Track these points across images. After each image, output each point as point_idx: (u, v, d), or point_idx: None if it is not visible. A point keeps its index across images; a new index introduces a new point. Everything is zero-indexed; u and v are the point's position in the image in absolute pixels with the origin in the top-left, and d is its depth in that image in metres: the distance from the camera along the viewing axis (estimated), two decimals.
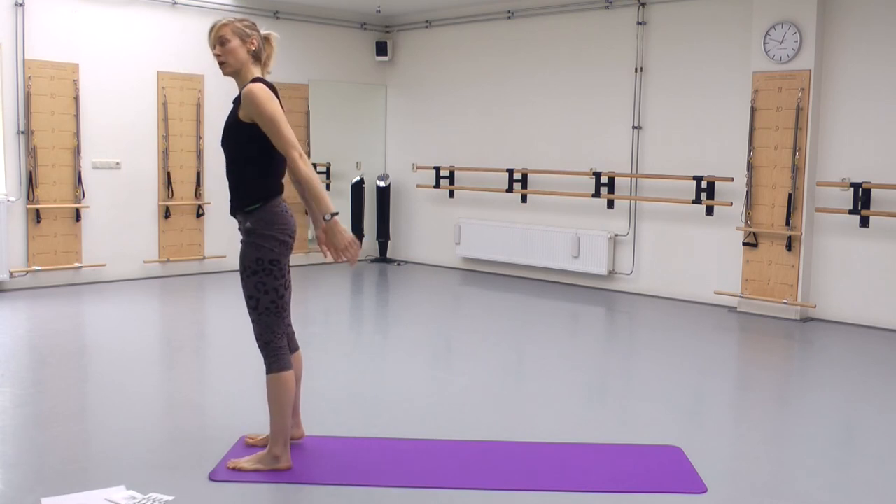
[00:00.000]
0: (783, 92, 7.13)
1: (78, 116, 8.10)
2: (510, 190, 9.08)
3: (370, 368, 5.65)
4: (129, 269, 8.58)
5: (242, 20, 3.63)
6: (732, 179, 7.50)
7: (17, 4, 7.72)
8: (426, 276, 9.47)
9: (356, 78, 10.28)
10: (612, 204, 8.42)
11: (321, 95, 9.90)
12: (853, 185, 6.80)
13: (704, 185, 7.64)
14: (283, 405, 3.63)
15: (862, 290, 6.97)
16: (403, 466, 3.80)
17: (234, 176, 3.62)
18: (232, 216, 3.67)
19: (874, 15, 6.85)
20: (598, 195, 8.38)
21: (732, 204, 7.52)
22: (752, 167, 7.32)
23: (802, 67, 7.04)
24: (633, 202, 8.32)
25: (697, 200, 7.68)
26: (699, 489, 3.58)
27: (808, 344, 6.57)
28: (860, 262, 6.97)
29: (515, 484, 3.63)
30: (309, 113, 9.76)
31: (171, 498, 3.38)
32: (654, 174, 8.12)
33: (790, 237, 7.14)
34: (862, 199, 6.78)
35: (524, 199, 9.11)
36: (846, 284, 7.06)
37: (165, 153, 8.70)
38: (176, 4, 8.68)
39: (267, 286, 3.57)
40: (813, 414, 4.80)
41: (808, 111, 7.02)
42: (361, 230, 10.23)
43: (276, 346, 3.62)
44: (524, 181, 9.04)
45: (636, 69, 8.24)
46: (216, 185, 8.86)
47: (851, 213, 6.84)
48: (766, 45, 7.20)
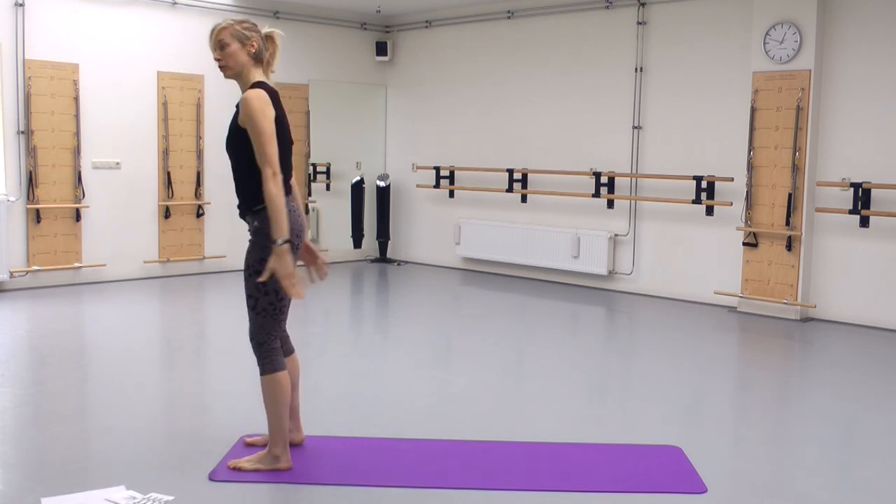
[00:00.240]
0: (783, 92, 7.13)
1: (78, 116, 8.10)
2: (510, 190, 9.08)
3: (370, 368, 5.65)
4: (129, 269, 8.58)
5: (242, 22, 3.63)
6: (732, 179, 7.50)
7: (17, 4, 7.72)
8: (426, 276, 9.47)
9: (356, 78, 10.28)
10: (612, 204, 8.43)
11: (321, 95, 9.90)
12: (853, 185, 6.80)
13: (704, 185, 7.65)
14: (279, 406, 3.63)
15: (862, 290, 6.98)
16: (403, 466, 3.80)
17: (239, 179, 3.64)
18: (241, 218, 3.68)
19: (874, 15, 6.85)
20: (598, 195, 8.38)
21: (732, 204, 7.52)
22: (752, 167, 7.32)
23: (802, 67, 7.04)
24: (633, 202, 8.32)
25: (697, 200, 7.68)
26: (699, 489, 3.58)
27: (808, 344, 6.57)
28: (860, 262, 6.98)
29: (515, 484, 3.63)
30: (309, 113, 9.76)
31: (171, 498, 3.38)
32: (654, 174, 8.12)
33: (790, 237, 7.14)
34: (862, 199, 6.78)
35: (524, 199, 9.11)
36: (846, 284, 7.06)
37: (165, 153, 8.70)
38: (176, 4, 8.68)
39: (268, 287, 3.58)
40: (813, 414, 4.80)
41: (808, 111, 7.02)
42: (361, 230, 10.23)
43: (268, 347, 3.62)
44: (524, 181, 9.04)
45: (636, 69, 8.24)
46: (216, 185, 8.87)
47: (851, 213, 6.84)
48: (766, 45, 7.20)
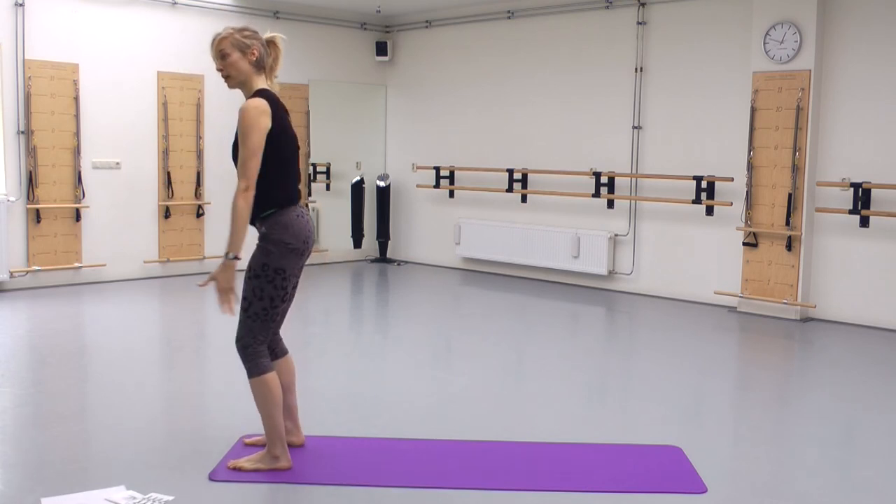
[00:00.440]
0: (783, 92, 7.13)
1: (78, 116, 8.10)
2: (510, 190, 9.08)
3: (370, 368, 5.65)
4: (129, 269, 8.57)
5: (242, 30, 3.62)
6: (732, 179, 7.50)
7: (17, 4, 7.72)
8: (426, 276, 9.47)
9: (356, 78, 10.28)
10: (612, 204, 8.42)
11: (321, 95, 9.90)
12: (853, 185, 6.80)
13: (704, 185, 7.64)
14: (271, 407, 3.63)
15: (862, 290, 6.97)
16: (403, 466, 3.80)
17: None
18: (251, 225, 3.69)
19: (874, 15, 6.85)
20: (598, 195, 8.38)
21: (732, 204, 7.52)
22: (752, 167, 7.32)
23: (802, 67, 7.04)
24: (633, 202, 8.32)
25: (697, 200, 7.68)
26: (699, 489, 3.58)
27: (808, 344, 6.57)
28: (860, 262, 6.97)
29: (515, 484, 3.63)
30: (309, 113, 9.75)
31: (171, 498, 3.38)
32: (654, 174, 8.12)
33: (790, 237, 7.14)
34: (862, 199, 6.78)
35: (524, 199, 9.11)
36: (846, 284, 7.06)
37: (165, 153, 8.70)
38: (176, 4, 8.68)
39: (264, 292, 3.58)
40: (813, 414, 4.80)
41: (808, 111, 7.02)
42: (361, 230, 10.22)
43: (253, 350, 3.62)
44: (524, 181, 9.04)
45: (636, 69, 8.24)
46: (216, 185, 8.87)
47: (851, 213, 6.84)
48: (766, 45, 7.20)
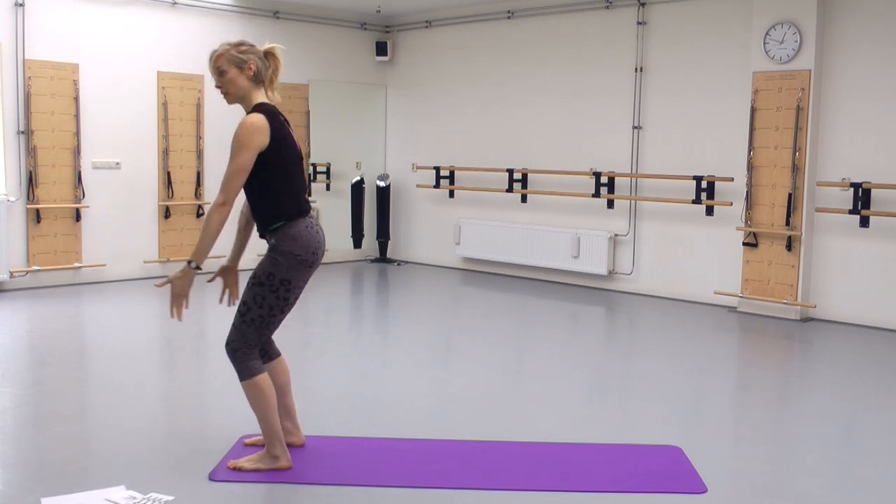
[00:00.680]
0: (783, 92, 7.13)
1: (78, 116, 8.10)
2: (510, 190, 9.08)
3: (370, 368, 5.65)
4: (129, 269, 8.57)
5: (238, 45, 3.61)
6: (732, 179, 7.50)
7: (17, 4, 7.72)
8: (426, 276, 9.47)
9: (356, 78, 10.28)
10: (612, 204, 8.42)
11: (321, 95, 9.90)
12: (853, 185, 6.80)
13: (704, 185, 7.64)
14: (265, 408, 3.63)
15: (862, 290, 6.97)
16: (403, 466, 3.80)
17: (252, 202, 3.68)
18: (262, 238, 3.69)
19: (874, 15, 6.85)
20: (598, 195, 8.38)
21: (732, 204, 7.52)
22: (752, 167, 7.32)
23: (802, 67, 7.04)
24: (633, 202, 8.32)
25: (697, 200, 7.68)
26: (699, 489, 3.58)
27: (808, 344, 6.57)
28: (860, 262, 6.97)
29: (515, 484, 3.63)
30: (309, 113, 9.75)
31: (171, 498, 3.38)
32: (654, 174, 8.11)
33: (790, 237, 7.14)
34: (862, 199, 6.78)
35: (524, 199, 9.10)
36: (846, 284, 7.05)
37: (165, 153, 8.70)
38: (176, 4, 8.68)
39: (265, 301, 3.59)
40: (813, 414, 4.80)
41: (808, 111, 7.02)
42: (361, 230, 10.22)
43: (242, 353, 3.61)
44: (524, 181, 9.04)
45: (636, 69, 8.24)
46: (216, 185, 8.78)
47: (851, 213, 6.84)
48: (766, 45, 7.20)
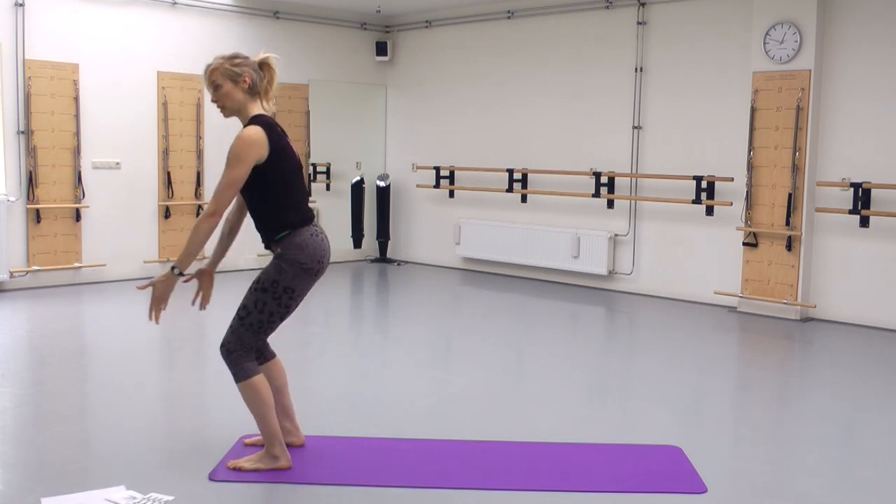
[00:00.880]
0: (783, 92, 7.13)
1: (78, 116, 8.10)
2: (510, 190, 9.08)
3: (370, 368, 5.65)
4: (129, 269, 8.57)
5: (232, 58, 3.60)
6: (732, 179, 7.50)
7: (17, 4, 7.72)
8: (426, 276, 9.47)
9: (356, 78, 10.28)
10: (612, 204, 8.42)
11: (321, 95, 9.90)
12: (853, 185, 6.80)
13: (704, 185, 7.64)
14: (262, 408, 3.63)
15: (862, 290, 6.97)
16: (403, 466, 3.80)
17: (255, 213, 3.68)
18: (267, 249, 3.69)
19: (874, 15, 6.85)
20: (598, 195, 8.37)
21: (732, 204, 7.52)
22: (752, 167, 7.32)
23: (802, 67, 7.04)
24: (633, 202, 8.31)
25: (697, 200, 7.68)
26: (699, 489, 3.58)
27: (808, 344, 6.57)
28: (860, 262, 6.97)
29: (515, 484, 3.63)
30: (309, 113, 9.75)
31: (171, 498, 3.38)
32: (654, 174, 8.11)
33: (790, 237, 7.14)
34: (862, 199, 6.78)
35: (524, 199, 9.10)
36: (846, 284, 7.05)
37: (165, 153, 8.70)
38: (176, 4, 8.67)
39: (266, 307, 3.59)
40: (813, 414, 4.80)
41: (808, 111, 7.02)
42: (361, 230, 10.22)
43: (237, 355, 3.62)
44: (524, 181, 9.04)
45: (636, 69, 8.24)
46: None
47: (851, 213, 6.84)
48: (766, 45, 7.20)
